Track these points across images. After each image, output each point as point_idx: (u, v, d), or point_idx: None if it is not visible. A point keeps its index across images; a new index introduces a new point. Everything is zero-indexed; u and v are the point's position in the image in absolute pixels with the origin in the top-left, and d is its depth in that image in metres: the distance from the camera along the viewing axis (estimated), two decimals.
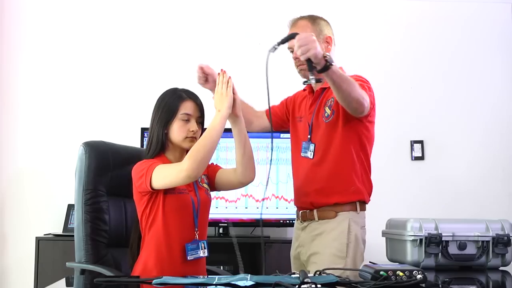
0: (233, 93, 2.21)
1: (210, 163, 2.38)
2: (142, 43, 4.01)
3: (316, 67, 2.09)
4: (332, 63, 2.09)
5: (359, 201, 2.42)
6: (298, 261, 2.51)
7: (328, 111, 2.40)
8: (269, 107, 2.38)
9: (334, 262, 2.31)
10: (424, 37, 4.11)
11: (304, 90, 2.61)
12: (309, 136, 2.44)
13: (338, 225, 2.38)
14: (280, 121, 2.69)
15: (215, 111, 2.19)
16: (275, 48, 2.22)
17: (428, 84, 4.07)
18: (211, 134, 2.11)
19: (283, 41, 2.25)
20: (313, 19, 2.50)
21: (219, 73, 2.23)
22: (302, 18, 2.51)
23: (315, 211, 2.41)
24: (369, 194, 2.49)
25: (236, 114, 2.23)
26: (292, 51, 2.43)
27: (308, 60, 2.08)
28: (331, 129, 2.39)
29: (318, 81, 2.15)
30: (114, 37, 4.02)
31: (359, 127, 2.40)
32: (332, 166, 2.39)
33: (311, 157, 2.41)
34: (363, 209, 2.45)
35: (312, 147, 2.41)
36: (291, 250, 2.60)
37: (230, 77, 2.21)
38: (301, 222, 2.49)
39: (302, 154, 2.45)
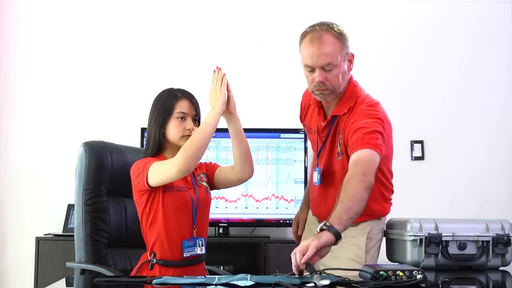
0: (228, 91, 2.22)
1: (208, 161, 2.39)
2: (142, 43, 4.01)
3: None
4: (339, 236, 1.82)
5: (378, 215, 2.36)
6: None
7: (338, 148, 2.24)
8: None
9: (352, 266, 2.15)
10: (424, 37, 4.11)
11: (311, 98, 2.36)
12: (316, 162, 2.33)
13: (360, 232, 2.29)
14: None
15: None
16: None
17: (428, 84, 4.07)
18: (204, 130, 2.13)
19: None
20: (340, 34, 2.14)
21: (214, 70, 2.23)
22: (327, 30, 2.12)
23: None
24: (390, 201, 2.47)
25: (230, 112, 2.24)
26: (311, 70, 2.14)
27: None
28: (343, 164, 2.22)
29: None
30: (114, 37, 4.02)
31: None
32: None
33: (319, 183, 2.28)
34: (384, 215, 2.40)
35: (319, 174, 2.28)
36: (303, 237, 2.43)
37: (224, 74, 2.22)
38: (318, 221, 2.34)
39: (314, 183, 2.33)
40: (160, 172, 2.10)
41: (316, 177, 2.31)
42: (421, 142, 4.02)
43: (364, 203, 1.95)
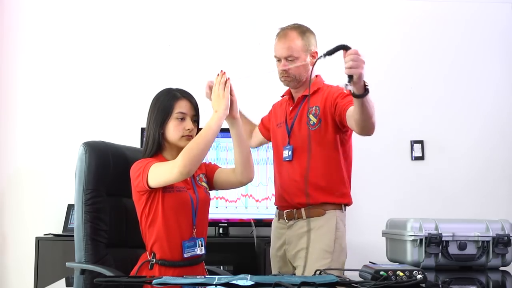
0: (231, 95, 2.21)
1: (208, 162, 2.39)
2: (142, 43, 4.01)
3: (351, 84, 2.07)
4: (369, 91, 2.10)
5: (344, 204, 2.54)
6: (283, 259, 2.57)
7: (313, 119, 2.49)
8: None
9: (322, 256, 2.41)
10: (424, 37, 4.11)
11: (283, 96, 2.74)
12: (288, 140, 2.54)
13: (327, 222, 2.47)
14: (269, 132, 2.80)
15: (211, 111, 2.19)
16: (322, 57, 2.14)
17: (428, 84, 4.07)
18: (206, 133, 2.13)
19: (330, 52, 2.13)
20: (303, 32, 2.53)
21: (218, 74, 2.23)
22: (292, 28, 2.53)
23: (302, 210, 2.50)
24: (349, 197, 2.60)
25: (233, 116, 2.24)
26: (278, 60, 2.52)
27: (350, 76, 2.06)
28: (318, 136, 2.48)
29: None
30: (114, 37, 4.02)
31: (343, 137, 2.53)
32: (320, 171, 2.47)
33: (290, 159, 2.52)
34: (345, 209, 2.56)
35: (291, 151, 2.52)
36: (271, 250, 2.66)
37: (228, 78, 2.21)
38: (286, 220, 2.55)
39: (285, 159, 2.55)
40: (161, 173, 2.10)
41: (286, 153, 2.54)
42: (421, 142, 4.02)
43: (372, 118, 2.21)
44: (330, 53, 2.11)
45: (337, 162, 2.51)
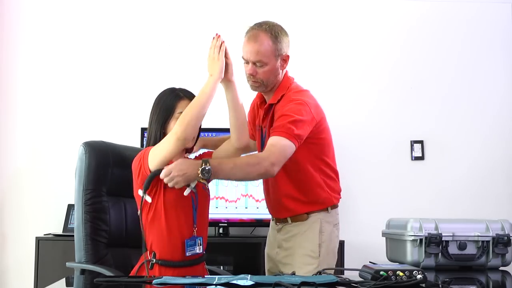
0: (226, 58, 2.23)
1: (202, 152, 2.38)
2: (142, 43, 4.01)
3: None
4: (209, 176, 2.04)
5: (329, 206, 2.43)
6: (273, 261, 2.50)
7: None
8: None
9: (307, 262, 2.33)
10: (424, 37, 4.11)
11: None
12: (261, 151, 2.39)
13: (310, 226, 2.38)
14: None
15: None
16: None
17: (428, 84, 4.07)
18: (201, 97, 2.14)
19: (146, 187, 2.11)
20: (275, 36, 2.33)
21: (213, 37, 2.26)
22: (263, 30, 2.34)
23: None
24: (338, 195, 2.48)
25: (228, 79, 2.25)
26: (246, 63, 2.36)
27: None
28: None
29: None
30: (114, 37, 4.01)
31: (311, 139, 2.34)
32: (292, 185, 2.38)
33: None
34: (334, 207, 2.45)
35: None
36: (266, 247, 2.58)
37: (223, 41, 2.24)
38: (276, 224, 2.50)
39: None
40: (160, 149, 2.11)
41: None
42: (421, 142, 4.02)
43: (246, 180, 2.24)
44: (146, 188, 2.09)
45: (309, 172, 2.36)
